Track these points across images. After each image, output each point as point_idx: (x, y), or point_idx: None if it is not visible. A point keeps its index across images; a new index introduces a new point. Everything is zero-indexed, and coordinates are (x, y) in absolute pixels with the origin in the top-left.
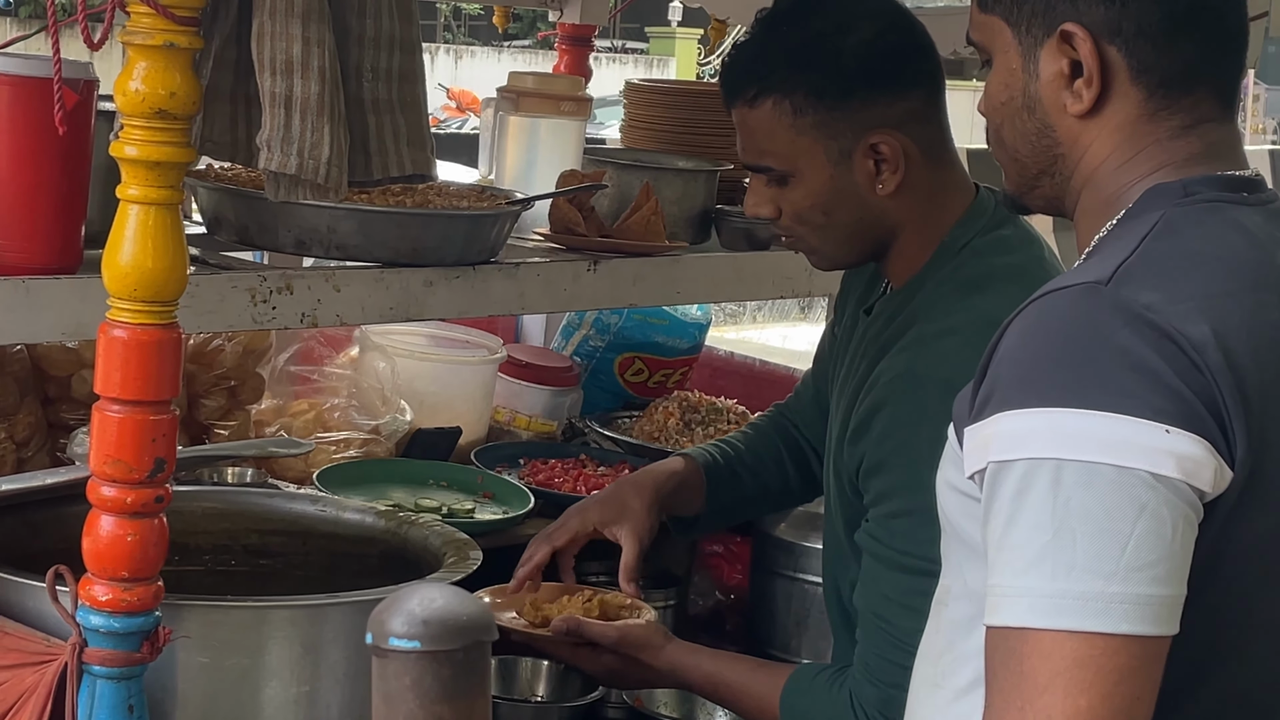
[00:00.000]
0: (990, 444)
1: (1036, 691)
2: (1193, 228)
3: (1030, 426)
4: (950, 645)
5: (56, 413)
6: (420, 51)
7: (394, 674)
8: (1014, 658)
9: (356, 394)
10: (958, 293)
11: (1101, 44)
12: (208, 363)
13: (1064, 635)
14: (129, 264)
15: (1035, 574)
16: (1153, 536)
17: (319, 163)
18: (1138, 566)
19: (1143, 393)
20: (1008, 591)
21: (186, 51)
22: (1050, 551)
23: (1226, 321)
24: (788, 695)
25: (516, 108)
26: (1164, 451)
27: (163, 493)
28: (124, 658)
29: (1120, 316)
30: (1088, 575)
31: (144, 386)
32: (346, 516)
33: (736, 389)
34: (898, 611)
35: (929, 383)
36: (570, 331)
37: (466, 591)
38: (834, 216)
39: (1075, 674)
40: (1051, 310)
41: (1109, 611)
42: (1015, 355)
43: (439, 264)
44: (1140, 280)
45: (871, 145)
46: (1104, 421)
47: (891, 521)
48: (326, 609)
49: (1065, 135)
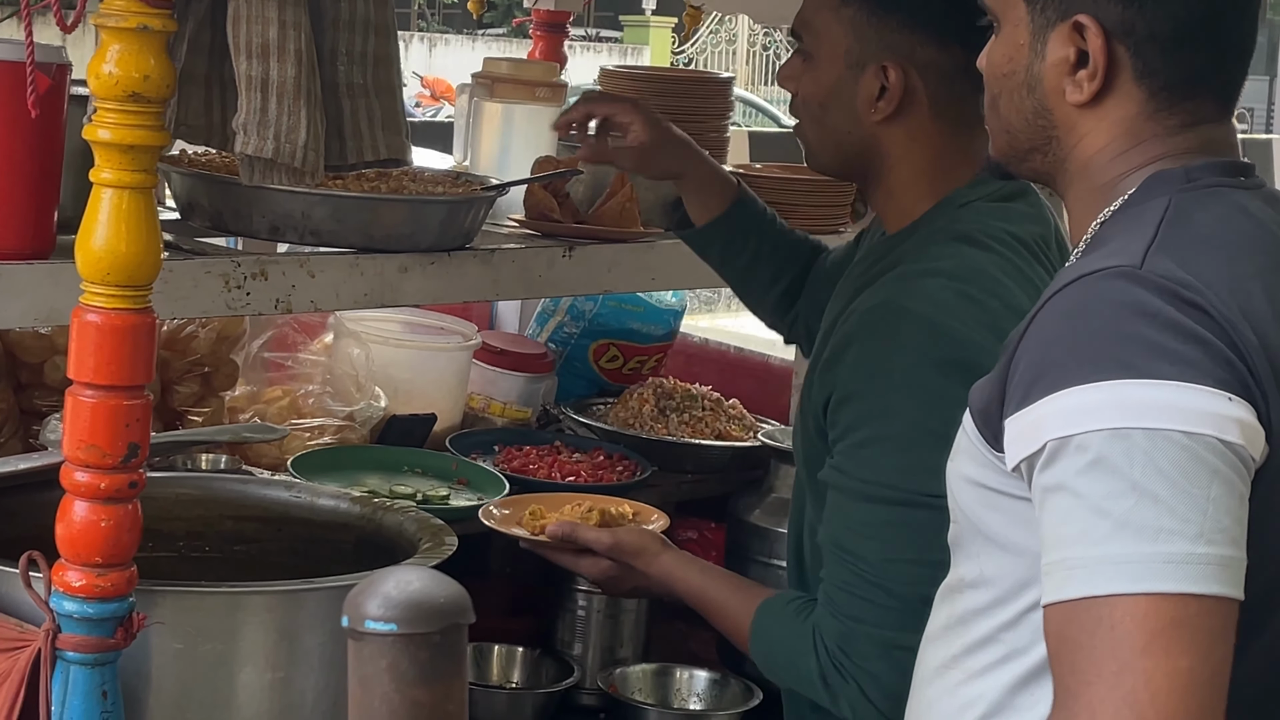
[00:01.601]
0: (1044, 424)
1: (1134, 655)
2: (1202, 213)
3: (1093, 400)
4: (966, 630)
5: (29, 399)
6: (395, 36)
7: (370, 657)
8: (1102, 625)
9: (331, 380)
10: (950, 241)
11: (1112, 41)
12: (181, 349)
13: (1159, 598)
14: (102, 248)
15: (1119, 540)
16: (1227, 500)
17: (295, 146)
18: (1219, 529)
19: (1204, 362)
20: (1086, 561)
21: (160, 34)
22: (1134, 516)
23: (1250, 303)
24: (759, 619)
25: (491, 94)
26: (1229, 418)
27: (136, 478)
28: (98, 644)
29: (1163, 295)
30: (1176, 537)
31: (117, 371)
32: (321, 503)
33: (711, 376)
34: (863, 543)
35: (907, 316)
36: (545, 318)
37: (443, 574)
38: (828, 117)
39: (1175, 635)
40: (1092, 292)
41: (1202, 573)
42: (1057, 338)
43: (414, 250)
44: (1170, 263)
45: (883, 67)
46: (1169, 390)
47: (859, 451)
48: (301, 595)
49: (1061, 120)
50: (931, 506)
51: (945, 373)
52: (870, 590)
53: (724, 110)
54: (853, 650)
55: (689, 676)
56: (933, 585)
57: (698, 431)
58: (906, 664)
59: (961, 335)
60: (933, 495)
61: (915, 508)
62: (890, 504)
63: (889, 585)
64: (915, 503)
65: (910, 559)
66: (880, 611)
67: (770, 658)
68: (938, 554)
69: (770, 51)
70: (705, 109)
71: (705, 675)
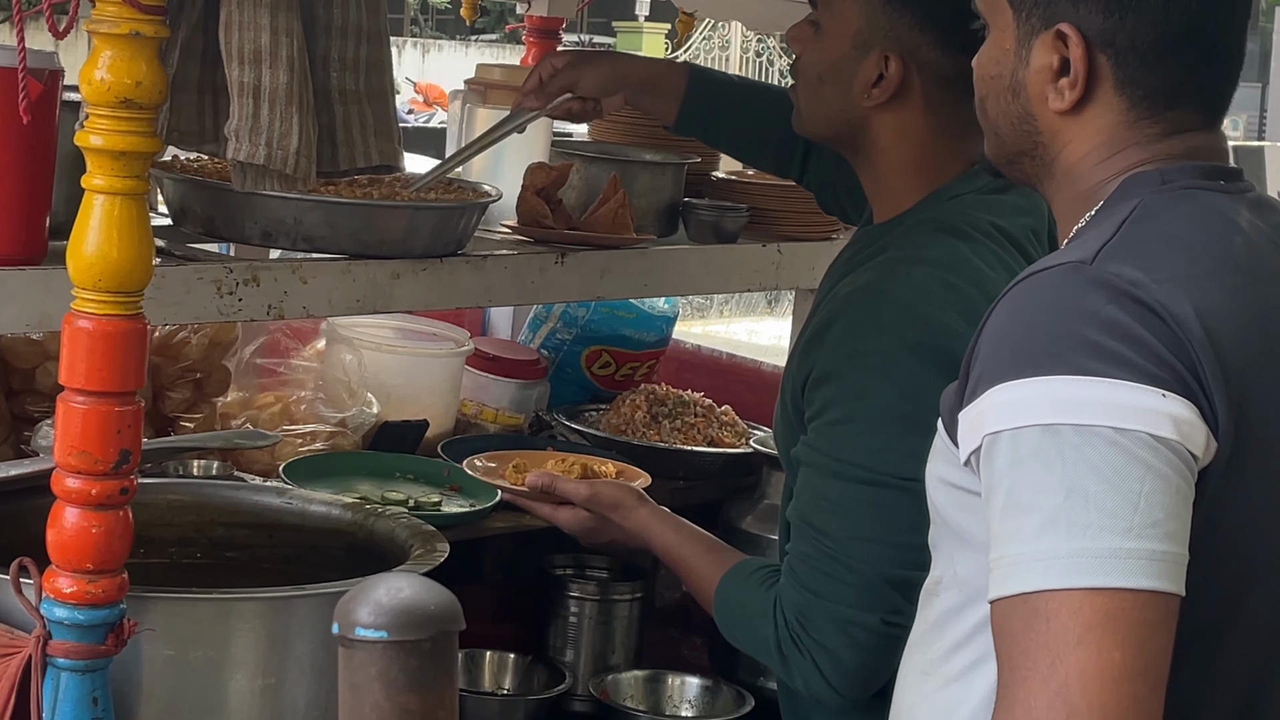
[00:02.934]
0: (986, 418)
1: (1067, 648)
2: (1169, 212)
3: (1026, 395)
4: (941, 634)
5: (21, 405)
6: (388, 42)
7: (360, 664)
8: (1037, 618)
9: (323, 386)
10: (936, 232)
11: (1093, 50)
12: (173, 355)
13: (1091, 593)
14: (94, 254)
15: (1050, 536)
16: (1159, 495)
17: (288, 153)
18: (1150, 523)
19: (1135, 359)
20: (1022, 558)
21: (153, 40)
22: (1064, 512)
23: (1206, 301)
24: (725, 582)
25: (484, 100)
26: (1161, 414)
27: (128, 484)
28: (88, 650)
29: (1106, 292)
30: (1105, 533)
31: (109, 377)
32: (312, 509)
33: (703, 382)
34: (829, 519)
35: (888, 300)
36: (537, 324)
37: (434, 582)
38: (823, 89)
39: (1107, 628)
40: (1037, 288)
41: (1130, 567)
42: (1004, 333)
43: (406, 256)
44: (1122, 260)
45: (885, 57)
46: (1100, 386)
47: (832, 429)
48: (292, 601)
49: (1045, 126)
50: (899, 488)
51: (921, 358)
52: (832, 566)
53: None
54: (810, 623)
55: (681, 683)
56: (895, 566)
57: (690, 438)
58: (863, 641)
59: (940, 322)
60: (901, 477)
61: (883, 488)
62: (859, 483)
63: (851, 563)
64: (883, 483)
65: (875, 539)
66: (841, 587)
67: (731, 620)
68: (903, 535)
69: (763, 58)
70: None
71: (697, 682)
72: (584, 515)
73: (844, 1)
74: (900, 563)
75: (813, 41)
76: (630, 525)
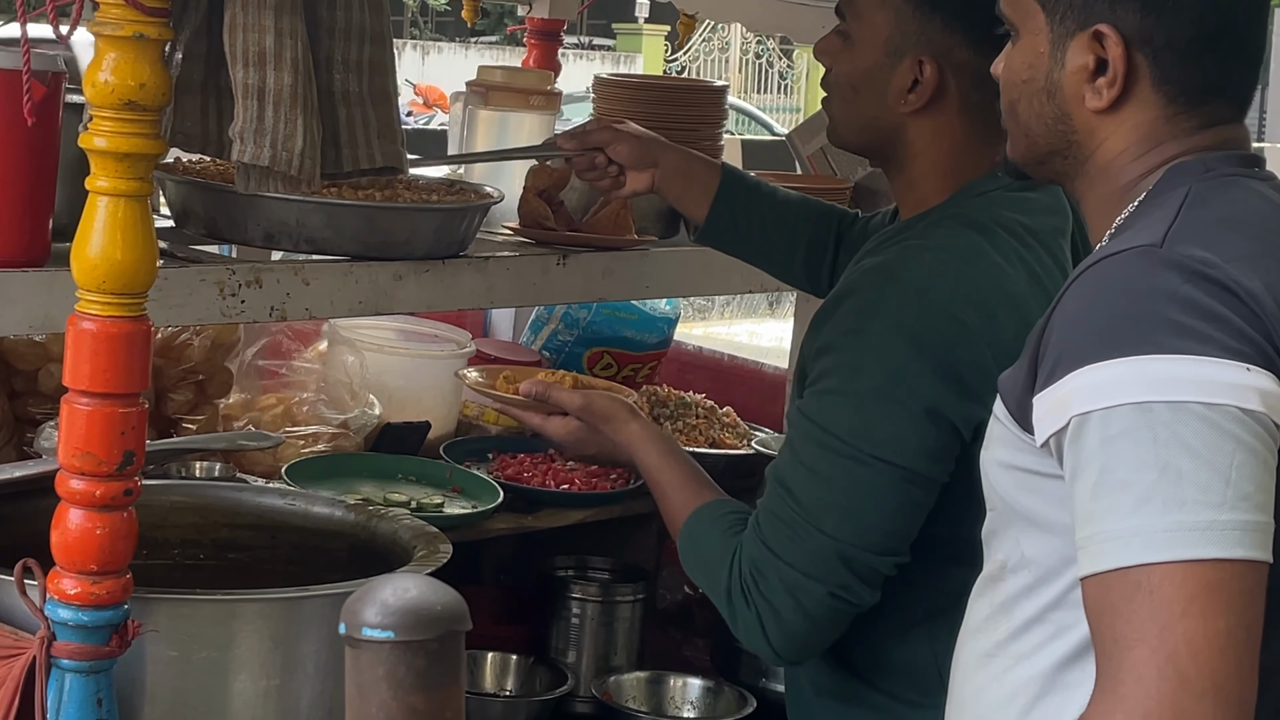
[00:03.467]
0: (1071, 400)
1: (1174, 618)
2: (1219, 197)
3: (1115, 376)
4: (1008, 616)
5: (23, 406)
6: (391, 44)
7: (367, 664)
8: (1140, 592)
9: (325, 388)
10: (958, 226)
11: (1131, 49)
12: (176, 356)
13: (1192, 564)
14: (98, 256)
15: (1145, 512)
16: (1249, 467)
17: (292, 154)
18: (1242, 495)
19: (1218, 336)
20: (1118, 534)
21: (156, 43)
22: (1158, 489)
23: (1270, 277)
24: (694, 518)
25: (485, 101)
26: (1248, 388)
27: (132, 486)
28: (93, 651)
29: (1181, 272)
30: (1199, 506)
31: (113, 379)
32: (315, 510)
33: (705, 383)
34: (803, 480)
35: (899, 283)
36: (539, 326)
37: (441, 582)
38: (858, 99)
39: (1211, 598)
40: (1111, 272)
41: (1226, 538)
42: (1082, 316)
43: (408, 258)
44: (1190, 241)
45: (920, 62)
46: (1187, 364)
47: (822, 398)
48: (295, 602)
49: (1081, 125)
50: (873, 468)
51: (920, 346)
52: (795, 529)
53: (718, 119)
54: (762, 579)
55: (683, 684)
56: (854, 543)
57: (691, 439)
58: (809, 608)
59: (945, 310)
60: (877, 457)
61: (858, 464)
62: (837, 455)
63: (813, 530)
64: (860, 460)
65: (842, 512)
66: (798, 552)
67: (692, 556)
68: (867, 514)
69: (763, 60)
70: (699, 117)
71: (699, 683)
72: (574, 425)
73: (873, 10)
74: (861, 542)
75: (843, 53)
76: (620, 438)
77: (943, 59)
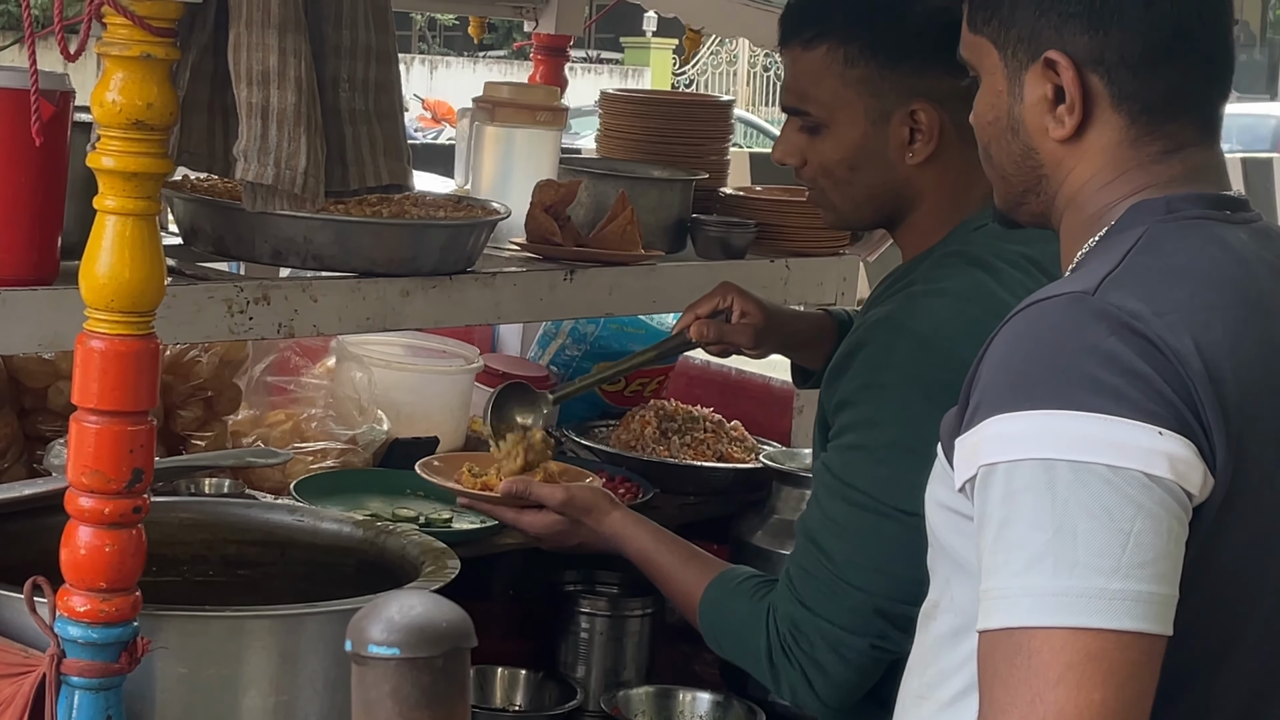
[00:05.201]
0: (981, 449)
1: (1048, 686)
2: (1175, 242)
3: (1022, 429)
4: (936, 658)
5: (33, 424)
6: (396, 62)
7: (373, 681)
8: (1021, 654)
9: (333, 404)
10: (961, 264)
11: (1084, 72)
12: (184, 373)
13: (1075, 632)
14: (106, 275)
15: (1036, 572)
16: (1150, 535)
17: (295, 173)
18: (1138, 564)
19: (1134, 395)
20: (1008, 592)
21: (164, 62)
22: (1051, 549)
23: (1208, 334)
24: (711, 591)
25: (492, 118)
26: (1157, 452)
27: (140, 503)
28: (102, 668)
29: (1107, 324)
30: (1091, 572)
31: (121, 397)
32: (324, 526)
33: (713, 398)
34: (833, 537)
35: (906, 333)
36: (547, 341)
37: (446, 599)
38: (858, 176)
39: (1088, 668)
40: (1038, 318)
41: (1113, 608)
42: (1003, 362)
43: (415, 274)
44: (1125, 291)
45: (911, 113)
46: (1097, 423)
47: (845, 453)
48: (304, 618)
49: (1048, 158)
50: (900, 521)
51: (932, 395)
52: (830, 585)
53: (724, 132)
54: (801, 636)
55: (692, 699)
56: (889, 597)
57: (699, 453)
58: (852, 660)
59: (957, 356)
60: (902, 510)
61: (885, 518)
62: (863, 510)
63: (848, 585)
64: (885, 513)
65: (873, 566)
66: (835, 607)
67: (718, 629)
68: (900, 567)
69: (771, 72)
70: (706, 131)
71: (708, 697)
72: (555, 519)
73: (835, 90)
74: (894, 594)
75: (819, 143)
76: (604, 530)
77: (932, 99)
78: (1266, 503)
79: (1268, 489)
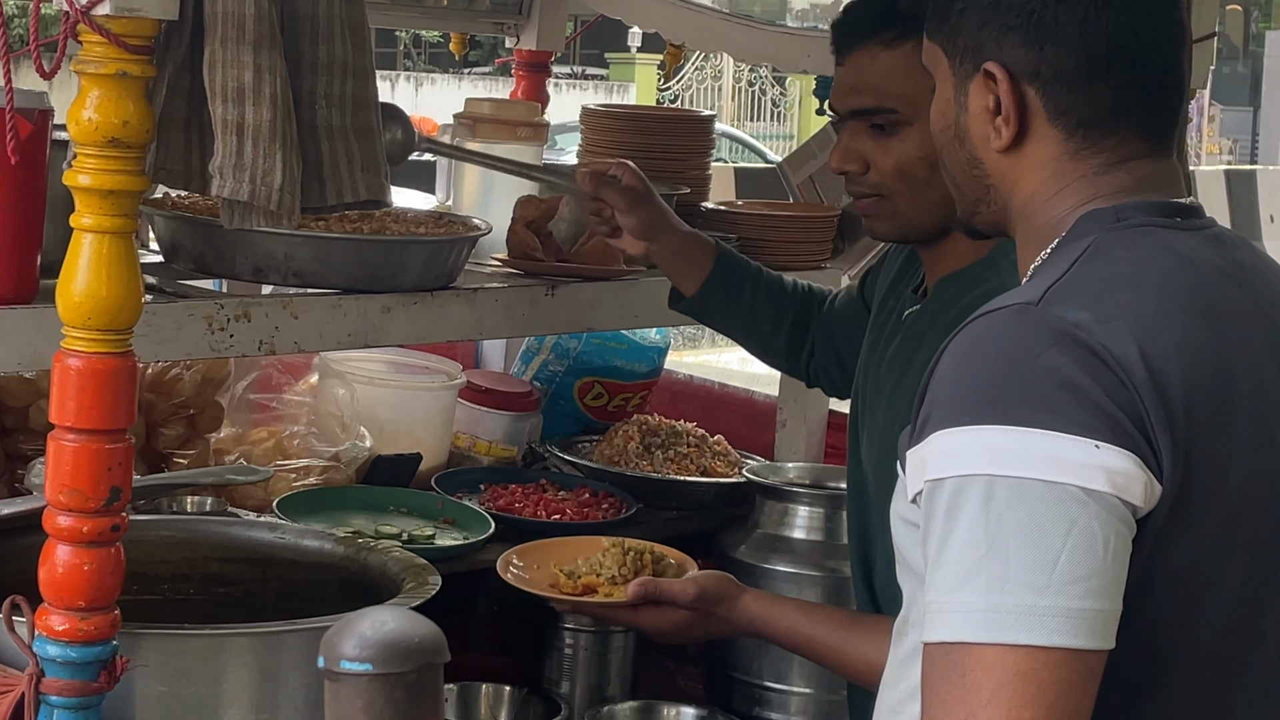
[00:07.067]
0: (927, 463)
1: (980, 704)
2: (1123, 250)
3: (962, 444)
4: (908, 673)
5: (14, 443)
6: (374, 78)
7: (346, 697)
8: (955, 671)
9: (316, 421)
10: None
11: (1020, 85)
12: (166, 391)
13: (1005, 649)
14: (83, 293)
15: (969, 589)
16: (1084, 551)
17: (271, 189)
18: (1070, 580)
19: (1071, 409)
20: (943, 607)
21: (139, 80)
22: (984, 566)
23: (1155, 341)
24: None
25: (474, 133)
26: (1094, 466)
27: (119, 521)
28: (81, 687)
29: (1049, 335)
30: (1021, 589)
31: (99, 415)
32: (305, 543)
33: (696, 412)
34: None
35: None
36: (530, 356)
37: (419, 614)
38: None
39: (1018, 687)
40: (983, 331)
41: (1042, 625)
42: (949, 376)
43: (397, 290)
44: (1070, 300)
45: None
46: (1033, 438)
47: None
48: (285, 636)
49: (992, 168)
50: None
51: None
52: None
53: (705, 148)
54: None
55: (676, 714)
56: None
57: (683, 468)
58: None
59: None
60: None
61: None
62: None
63: None
64: None
65: None
66: None
67: None
68: None
69: (755, 88)
70: (687, 146)
71: (692, 712)
72: (682, 616)
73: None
74: None
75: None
76: (737, 618)
77: None
78: (1218, 507)
79: (1219, 494)
